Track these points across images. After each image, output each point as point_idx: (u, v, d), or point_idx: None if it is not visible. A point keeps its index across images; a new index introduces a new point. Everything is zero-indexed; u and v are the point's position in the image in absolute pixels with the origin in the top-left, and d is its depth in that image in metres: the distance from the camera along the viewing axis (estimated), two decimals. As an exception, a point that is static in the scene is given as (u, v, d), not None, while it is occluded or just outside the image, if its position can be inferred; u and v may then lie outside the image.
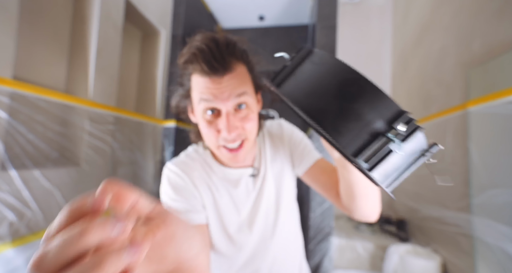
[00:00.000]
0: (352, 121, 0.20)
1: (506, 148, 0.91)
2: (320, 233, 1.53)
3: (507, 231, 0.88)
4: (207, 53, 0.44)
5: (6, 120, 0.86)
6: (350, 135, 0.20)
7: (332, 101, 0.21)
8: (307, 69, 0.24)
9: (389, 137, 0.19)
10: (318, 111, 0.21)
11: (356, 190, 0.42)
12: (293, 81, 0.24)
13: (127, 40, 1.64)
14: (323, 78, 0.22)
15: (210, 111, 0.46)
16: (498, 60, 0.97)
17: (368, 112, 0.20)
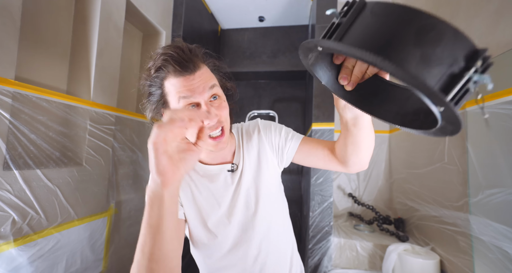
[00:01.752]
0: (436, 66, 0.20)
1: (504, 148, 0.92)
2: (319, 232, 1.54)
3: (505, 230, 0.89)
4: (176, 56, 0.50)
5: (8, 121, 0.87)
6: (434, 81, 0.20)
7: (412, 49, 0.20)
8: (370, 21, 0.22)
9: (471, 77, 0.20)
10: (402, 60, 0.20)
11: (362, 144, 0.51)
12: (359, 32, 0.23)
13: (128, 40, 1.65)
14: (397, 29, 0.21)
15: (192, 106, 0.51)
16: (495, 61, 0.98)
17: (449, 56, 0.20)
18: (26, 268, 0.91)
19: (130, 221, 1.49)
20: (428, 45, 0.20)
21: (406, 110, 0.33)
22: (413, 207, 1.63)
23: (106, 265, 1.31)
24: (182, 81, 0.50)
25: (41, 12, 1.08)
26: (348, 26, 0.24)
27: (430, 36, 0.20)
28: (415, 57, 0.20)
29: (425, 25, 0.20)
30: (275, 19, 2.49)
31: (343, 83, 0.35)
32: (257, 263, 0.63)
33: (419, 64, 0.20)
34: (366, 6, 0.24)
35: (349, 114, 0.45)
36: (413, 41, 0.20)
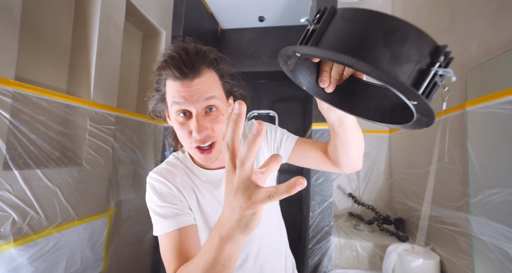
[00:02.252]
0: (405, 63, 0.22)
1: (504, 148, 0.92)
2: (319, 232, 1.54)
3: (505, 230, 0.89)
4: (177, 60, 0.48)
5: (8, 121, 0.87)
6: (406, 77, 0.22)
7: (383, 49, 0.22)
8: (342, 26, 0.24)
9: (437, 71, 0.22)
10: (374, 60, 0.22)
11: (350, 144, 0.51)
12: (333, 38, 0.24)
13: (128, 40, 1.65)
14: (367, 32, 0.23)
15: (182, 113, 0.50)
16: (495, 60, 0.98)
17: (415, 53, 0.22)
18: (26, 268, 0.91)
19: (130, 221, 1.49)
20: (396, 45, 0.22)
21: (384, 107, 0.36)
22: (413, 207, 1.63)
23: (106, 265, 1.31)
24: (178, 86, 0.49)
25: (41, 12, 1.08)
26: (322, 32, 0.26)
27: (397, 36, 0.22)
28: (386, 56, 0.22)
29: (391, 26, 0.22)
30: (275, 19, 2.49)
31: (323, 86, 0.36)
32: (258, 263, 0.63)
33: (390, 62, 0.22)
34: (337, 13, 0.26)
35: (333, 116, 0.45)
36: (383, 42, 0.22)
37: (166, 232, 0.50)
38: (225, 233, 0.32)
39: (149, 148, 1.68)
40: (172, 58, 0.48)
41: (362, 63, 0.22)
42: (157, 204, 0.54)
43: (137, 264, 1.55)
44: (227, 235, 0.32)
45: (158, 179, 0.57)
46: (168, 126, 1.80)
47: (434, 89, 0.23)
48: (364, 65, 0.22)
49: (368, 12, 0.24)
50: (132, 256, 1.50)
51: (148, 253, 1.67)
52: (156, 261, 1.71)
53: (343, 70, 0.36)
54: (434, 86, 0.23)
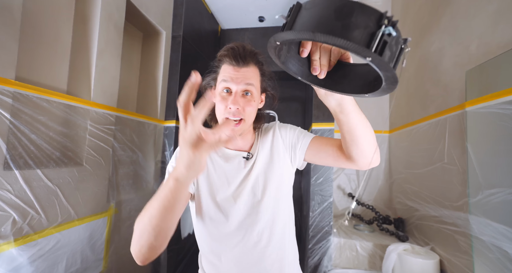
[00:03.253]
0: (355, 30, 0.28)
1: (504, 148, 0.92)
2: (319, 232, 1.54)
3: (504, 230, 0.90)
4: (236, 50, 0.64)
5: (8, 121, 0.87)
6: (357, 40, 0.27)
7: (336, 23, 0.28)
8: (305, 14, 0.31)
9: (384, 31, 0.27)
10: (330, 31, 0.28)
11: (356, 131, 0.53)
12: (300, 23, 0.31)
13: (128, 40, 1.65)
14: (322, 13, 0.29)
15: (225, 90, 0.64)
16: (495, 61, 0.99)
17: (362, 21, 0.28)
18: (27, 268, 0.92)
19: (130, 221, 1.49)
20: (344, 17, 0.28)
21: (369, 80, 0.41)
22: (413, 207, 1.63)
23: (106, 265, 1.31)
24: (229, 69, 0.64)
25: (41, 12, 1.09)
26: (293, 22, 0.32)
27: (344, 11, 0.28)
28: (339, 27, 0.28)
29: (339, 5, 0.29)
30: (275, 19, 2.49)
31: (315, 73, 0.41)
32: (255, 251, 0.66)
33: (343, 31, 0.27)
34: (302, 6, 0.32)
35: (332, 101, 0.49)
36: (334, 17, 0.28)
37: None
38: (176, 174, 0.42)
39: (149, 148, 1.68)
40: (232, 49, 0.64)
41: (320, 35, 0.28)
42: (172, 164, 0.66)
43: (137, 264, 1.55)
44: (177, 175, 0.42)
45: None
46: (168, 126, 1.80)
47: (385, 47, 0.28)
48: (322, 36, 0.28)
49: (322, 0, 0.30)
50: (132, 256, 1.50)
51: (148, 253, 1.67)
52: (156, 261, 1.71)
53: (330, 57, 0.41)
54: (385, 44, 0.28)
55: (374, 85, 0.40)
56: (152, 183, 1.71)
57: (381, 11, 0.28)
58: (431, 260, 1.25)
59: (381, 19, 0.28)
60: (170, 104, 1.81)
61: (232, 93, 0.63)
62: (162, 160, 1.78)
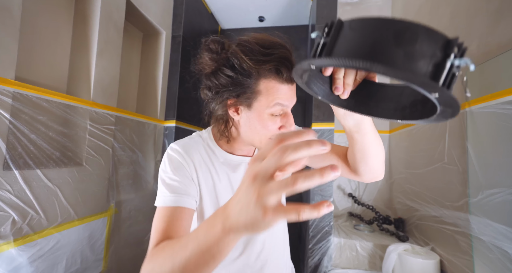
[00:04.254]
0: (420, 60, 0.23)
1: (504, 148, 0.92)
2: (319, 232, 1.54)
3: (505, 230, 0.89)
4: (290, 62, 0.49)
5: (8, 121, 0.87)
6: (423, 72, 0.23)
7: (395, 50, 0.23)
8: (352, 35, 0.26)
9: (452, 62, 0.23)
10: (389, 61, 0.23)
11: (369, 151, 0.50)
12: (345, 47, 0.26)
13: (128, 40, 1.65)
14: (377, 37, 0.24)
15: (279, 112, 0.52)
16: (495, 61, 0.98)
17: (428, 49, 0.23)
18: (26, 268, 0.91)
19: (130, 221, 1.49)
20: (407, 44, 0.23)
21: (402, 104, 0.36)
22: (413, 207, 1.63)
23: (106, 265, 1.31)
24: (286, 89, 0.50)
25: (41, 12, 1.08)
26: (333, 43, 0.27)
27: (407, 36, 0.23)
28: (400, 56, 0.23)
29: (400, 28, 0.24)
30: (275, 19, 2.49)
31: (338, 93, 0.37)
32: (259, 260, 0.63)
33: (405, 61, 0.23)
34: (344, 24, 0.27)
35: (351, 121, 0.45)
36: (394, 43, 0.23)
37: (165, 206, 0.50)
38: (229, 226, 0.28)
39: (149, 148, 1.68)
40: (286, 60, 0.48)
41: (378, 65, 0.23)
42: (168, 175, 0.54)
43: (137, 264, 1.55)
44: (231, 228, 0.28)
45: (177, 150, 0.57)
46: (168, 126, 1.80)
47: (453, 79, 0.23)
48: (381, 67, 0.23)
49: (374, 19, 0.25)
50: (132, 256, 1.50)
51: (148, 253, 1.67)
52: (156, 261, 1.71)
53: (356, 76, 0.37)
54: (453, 77, 0.23)
55: (412, 112, 0.34)
56: (152, 183, 1.71)
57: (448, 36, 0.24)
58: (431, 260, 1.24)
59: (450, 46, 0.24)
60: (170, 104, 1.81)
61: (287, 114, 0.53)
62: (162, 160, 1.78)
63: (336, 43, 0.27)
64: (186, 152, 0.57)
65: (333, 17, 1.64)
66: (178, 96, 1.81)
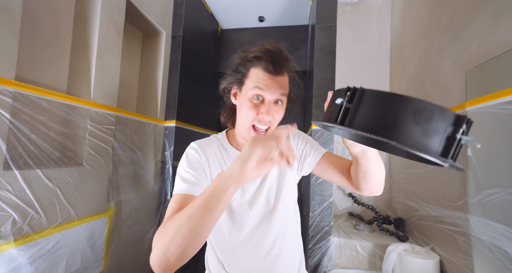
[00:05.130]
0: (435, 136, 0.27)
1: (504, 148, 0.92)
2: (319, 232, 1.54)
3: (504, 230, 0.90)
4: (275, 55, 0.58)
5: (8, 121, 0.87)
6: (436, 145, 0.27)
7: (414, 127, 0.27)
8: (374, 107, 0.30)
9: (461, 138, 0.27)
10: (408, 137, 0.27)
11: (371, 173, 0.56)
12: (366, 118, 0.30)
13: (128, 40, 1.65)
14: (398, 113, 0.28)
15: (257, 97, 0.60)
16: (495, 61, 0.99)
17: (441, 126, 0.27)
18: (27, 268, 0.92)
19: (130, 221, 1.49)
20: (424, 122, 0.27)
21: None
22: (413, 207, 1.63)
23: (106, 265, 1.31)
24: (265, 76, 0.59)
25: (41, 12, 1.09)
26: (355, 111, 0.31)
27: (424, 115, 0.27)
28: (418, 133, 0.27)
29: (418, 107, 0.27)
30: (275, 19, 2.49)
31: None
32: (268, 258, 0.65)
33: (423, 137, 0.27)
34: (366, 93, 0.31)
35: (358, 149, 0.51)
36: (413, 121, 0.27)
37: (179, 193, 0.56)
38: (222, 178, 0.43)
39: (149, 148, 1.68)
40: (270, 53, 0.58)
41: (403, 146, 0.27)
42: (184, 168, 0.61)
43: (137, 264, 1.55)
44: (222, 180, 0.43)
45: (194, 147, 0.65)
46: (168, 126, 1.80)
47: (459, 151, 0.28)
48: (404, 146, 0.27)
49: (395, 96, 0.29)
50: (132, 256, 1.50)
51: (148, 253, 1.66)
52: (156, 261, 1.71)
53: None
54: (460, 148, 0.28)
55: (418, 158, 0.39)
56: (152, 183, 1.71)
57: (458, 114, 0.28)
58: (431, 260, 1.25)
59: (460, 122, 0.27)
60: (170, 104, 1.81)
61: (266, 102, 0.59)
62: (162, 160, 1.78)
63: (357, 111, 0.31)
64: (201, 149, 0.65)
65: (332, 18, 1.64)
66: (178, 96, 1.81)
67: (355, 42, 2.25)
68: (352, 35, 2.26)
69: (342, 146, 2.19)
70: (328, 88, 1.59)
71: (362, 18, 2.26)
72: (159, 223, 1.74)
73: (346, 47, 2.23)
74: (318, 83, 1.61)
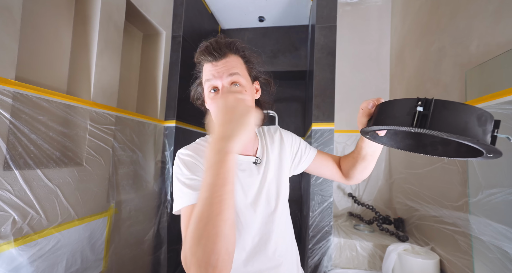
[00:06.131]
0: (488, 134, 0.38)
1: (504, 148, 0.92)
2: (319, 232, 1.54)
3: (504, 230, 0.90)
4: (209, 46, 0.59)
5: (8, 121, 0.87)
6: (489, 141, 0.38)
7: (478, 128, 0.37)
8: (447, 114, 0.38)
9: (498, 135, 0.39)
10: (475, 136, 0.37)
11: (370, 167, 0.66)
12: (444, 122, 0.38)
13: (128, 40, 1.65)
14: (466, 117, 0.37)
15: (212, 90, 0.59)
16: (495, 61, 0.99)
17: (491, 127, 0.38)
18: (27, 268, 0.92)
19: (130, 221, 1.49)
20: (483, 125, 0.37)
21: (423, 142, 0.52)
22: (413, 207, 1.63)
23: (106, 265, 1.31)
24: (208, 66, 0.59)
25: (41, 12, 1.09)
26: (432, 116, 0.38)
27: (483, 119, 0.37)
28: (480, 132, 0.37)
29: (479, 114, 0.37)
30: (275, 19, 2.49)
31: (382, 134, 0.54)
32: (275, 258, 0.64)
33: (483, 135, 0.37)
34: (438, 102, 0.38)
35: (372, 148, 0.60)
36: (477, 124, 0.37)
37: (191, 204, 0.51)
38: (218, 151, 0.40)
39: (149, 148, 1.68)
40: (205, 46, 0.59)
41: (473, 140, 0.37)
42: (187, 176, 0.56)
43: (137, 264, 1.55)
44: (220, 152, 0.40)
45: (188, 153, 0.61)
46: (168, 126, 1.80)
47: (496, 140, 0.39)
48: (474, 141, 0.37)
49: (463, 105, 0.37)
50: (132, 256, 1.50)
51: (148, 253, 1.67)
52: (156, 261, 1.71)
53: None
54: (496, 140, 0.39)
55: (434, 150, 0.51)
56: (152, 183, 1.71)
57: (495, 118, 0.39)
58: (431, 260, 1.25)
59: (498, 124, 0.38)
60: (170, 104, 1.81)
61: (220, 90, 0.58)
62: (162, 160, 1.78)
63: (436, 116, 0.38)
64: (197, 154, 0.61)
65: (332, 17, 1.64)
66: (178, 96, 1.81)
67: (355, 42, 2.25)
68: (352, 35, 2.26)
69: (342, 146, 2.19)
70: (328, 88, 1.59)
71: (362, 18, 2.26)
72: (159, 223, 1.74)
73: (346, 47, 2.23)
74: (318, 83, 1.61)
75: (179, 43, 1.84)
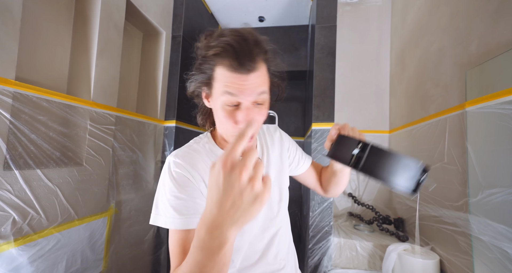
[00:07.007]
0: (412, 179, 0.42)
1: (504, 148, 0.92)
2: (319, 232, 1.54)
3: (504, 230, 0.90)
4: (238, 49, 0.45)
5: (8, 121, 0.87)
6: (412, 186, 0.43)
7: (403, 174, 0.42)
8: (377, 160, 0.43)
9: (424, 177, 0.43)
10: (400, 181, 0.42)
11: (342, 183, 0.67)
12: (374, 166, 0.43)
13: (128, 40, 1.65)
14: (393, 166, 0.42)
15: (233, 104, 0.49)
16: (495, 61, 0.99)
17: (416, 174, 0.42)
18: (27, 268, 0.92)
19: (130, 221, 1.49)
20: (407, 171, 0.42)
21: None
22: (413, 207, 1.63)
23: (106, 265, 1.31)
24: (234, 77, 0.46)
25: (41, 12, 1.09)
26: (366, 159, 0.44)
27: (408, 168, 0.42)
28: (404, 178, 0.42)
29: (405, 162, 0.42)
30: (275, 19, 2.49)
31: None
32: (277, 262, 0.62)
33: (407, 180, 0.42)
34: (372, 148, 0.44)
35: (340, 166, 0.61)
36: (403, 172, 0.42)
37: (177, 229, 0.47)
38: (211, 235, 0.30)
39: (149, 148, 1.68)
40: (231, 46, 0.45)
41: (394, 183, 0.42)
42: (174, 193, 0.49)
43: (137, 264, 1.55)
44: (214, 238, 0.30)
45: (180, 164, 0.52)
46: (168, 126, 1.80)
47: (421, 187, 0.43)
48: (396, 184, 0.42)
49: (395, 154, 0.42)
50: (132, 256, 1.50)
51: (148, 253, 1.67)
52: (156, 261, 1.71)
53: None
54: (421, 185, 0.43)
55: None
56: (152, 183, 1.71)
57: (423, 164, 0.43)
58: (431, 260, 1.25)
59: (425, 170, 0.42)
60: (170, 104, 1.81)
61: (242, 107, 0.48)
62: (162, 160, 1.78)
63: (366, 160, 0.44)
64: (190, 164, 0.53)
65: (332, 18, 1.65)
66: (178, 96, 1.81)
67: (355, 42, 2.25)
68: (352, 35, 2.26)
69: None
70: (328, 88, 1.59)
71: (362, 18, 2.26)
72: (159, 223, 1.74)
73: (346, 47, 2.23)
74: (318, 83, 1.62)
75: (179, 43, 1.84)
